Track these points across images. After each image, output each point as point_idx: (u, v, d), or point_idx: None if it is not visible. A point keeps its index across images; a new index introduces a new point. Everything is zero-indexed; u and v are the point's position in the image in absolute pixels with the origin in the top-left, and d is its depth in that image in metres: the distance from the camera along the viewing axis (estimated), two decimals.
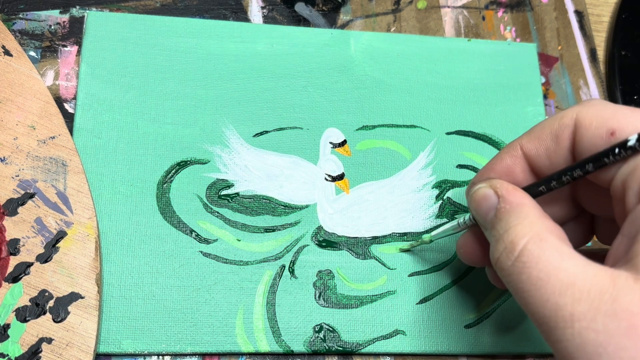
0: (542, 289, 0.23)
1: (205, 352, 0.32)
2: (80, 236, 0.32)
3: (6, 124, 0.33)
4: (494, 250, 0.26)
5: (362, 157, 0.37)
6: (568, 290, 0.22)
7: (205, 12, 0.40)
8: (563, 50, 0.43)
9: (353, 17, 0.41)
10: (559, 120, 0.27)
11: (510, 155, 0.28)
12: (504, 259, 0.25)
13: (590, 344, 0.21)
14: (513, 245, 0.24)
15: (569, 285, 0.22)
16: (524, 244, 0.24)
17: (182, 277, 0.33)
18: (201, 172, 0.35)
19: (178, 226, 0.34)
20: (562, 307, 0.22)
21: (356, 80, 0.39)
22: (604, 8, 0.45)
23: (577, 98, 0.42)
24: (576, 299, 0.22)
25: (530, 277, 0.23)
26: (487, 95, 0.40)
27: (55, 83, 0.36)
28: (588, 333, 0.21)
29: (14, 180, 0.32)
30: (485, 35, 0.42)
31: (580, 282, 0.22)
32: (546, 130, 0.27)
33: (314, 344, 0.33)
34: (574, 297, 0.22)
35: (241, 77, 0.38)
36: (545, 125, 0.27)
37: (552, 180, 0.27)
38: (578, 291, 0.22)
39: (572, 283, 0.22)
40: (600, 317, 0.21)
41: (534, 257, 0.24)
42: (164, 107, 0.36)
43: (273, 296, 0.33)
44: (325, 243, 0.35)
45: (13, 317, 0.30)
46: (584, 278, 0.22)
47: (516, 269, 0.24)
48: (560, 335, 0.22)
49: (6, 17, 0.37)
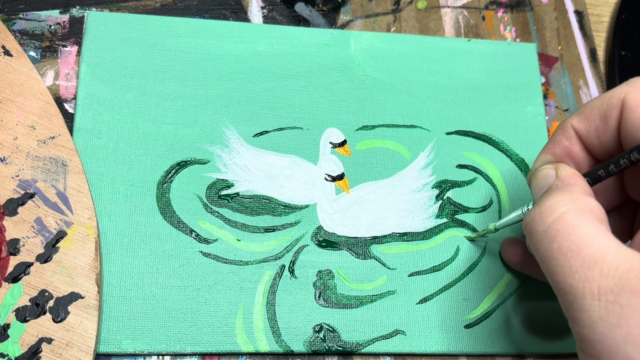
0: (572, 259, 0.23)
1: (205, 352, 0.32)
2: (80, 236, 0.32)
3: (6, 124, 0.33)
4: (529, 214, 0.26)
5: (362, 157, 0.37)
6: (597, 264, 0.23)
7: (205, 12, 0.40)
8: (563, 50, 0.43)
9: (353, 17, 0.41)
10: (608, 100, 0.27)
11: (565, 136, 0.29)
12: (537, 221, 0.25)
13: (614, 315, 0.22)
14: (550, 211, 0.25)
15: (599, 260, 0.23)
16: (562, 212, 0.24)
17: (182, 277, 0.33)
18: (201, 172, 0.35)
19: (178, 226, 0.34)
20: (590, 280, 0.23)
21: (356, 81, 0.39)
22: (604, 8, 0.45)
23: (577, 98, 0.42)
24: (604, 274, 0.22)
25: (561, 247, 0.24)
26: (487, 95, 0.40)
27: (55, 83, 0.36)
28: (613, 306, 0.22)
29: (14, 180, 0.32)
30: (485, 35, 0.42)
31: (609, 259, 0.23)
32: (595, 111, 0.28)
33: (313, 344, 0.33)
34: (602, 272, 0.23)
35: (241, 77, 0.38)
36: (594, 105, 0.28)
37: (610, 165, 0.27)
38: (607, 267, 0.23)
39: (602, 258, 0.23)
40: (625, 293, 0.22)
41: (569, 226, 0.24)
42: (164, 107, 0.36)
43: (273, 296, 0.33)
44: (325, 243, 0.35)
45: (13, 317, 0.30)
46: (614, 256, 0.23)
47: (548, 236, 0.24)
48: (585, 306, 0.23)
49: (6, 17, 0.37)
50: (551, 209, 0.25)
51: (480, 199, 0.38)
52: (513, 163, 0.39)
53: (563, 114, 0.41)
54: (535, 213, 0.25)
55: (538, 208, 0.25)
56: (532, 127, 0.40)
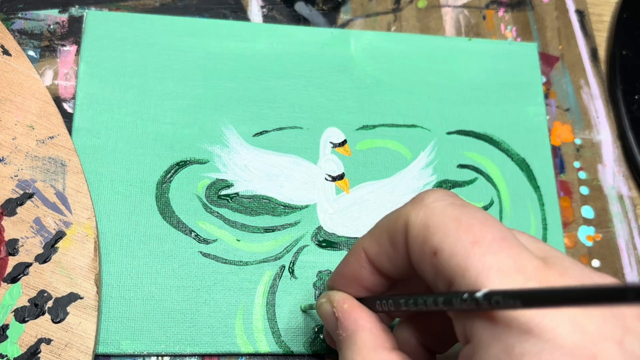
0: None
1: (204, 352, 0.32)
2: (79, 236, 0.31)
3: (5, 124, 0.33)
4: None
5: (362, 156, 0.37)
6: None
7: (205, 11, 0.39)
8: (564, 49, 0.43)
9: (353, 17, 0.41)
10: (394, 222, 0.24)
11: (356, 259, 0.26)
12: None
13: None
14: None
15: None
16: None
17: (182, 277, 0.33)
18: (200, 172, 0.35)
19: (177, 226, 0.34)
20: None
21: (356, 80, 0.39)
22: (605, 7, 0.45)
23: (577, 98, 0.41)
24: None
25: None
26: (487, 94, 0.40)
27: (54, 83, 0.36)
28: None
29: (13, 180, 0.32)
30: (485, 34, 0.42)
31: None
32: (384, 234, 0.25)
33: (314, 344, 0.33)
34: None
35: (241, 77, 0.38)
36: (382, 227, 0.25)
37: (388, 301, 0.25)
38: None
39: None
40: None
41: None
42: (163, 106, 0.36)
43: (273, 297, 0.33)
44: (325, 243, 0.35)
45: (12, 317, 0.30)
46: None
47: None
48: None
49: (5, 17, 0.37)
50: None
51: (481, 199, 0.38)
52: (514, 163, 0.39)
53: (564, 113, 0.41)
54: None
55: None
56: (533, 126, 0.40)
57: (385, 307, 0.25)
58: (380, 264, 0.25)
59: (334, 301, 0.27)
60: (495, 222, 0.22)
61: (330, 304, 0.27)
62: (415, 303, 0.23)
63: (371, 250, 0.25)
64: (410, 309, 0.23)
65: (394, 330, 0.28)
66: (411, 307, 0.23)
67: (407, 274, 0.25)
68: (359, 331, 0.25)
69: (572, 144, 0.40)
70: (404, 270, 0.25)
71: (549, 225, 0.37)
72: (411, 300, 0.23)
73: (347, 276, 0.27)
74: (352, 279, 0.27)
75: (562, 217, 0.38)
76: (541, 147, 0.39)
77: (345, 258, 0.27)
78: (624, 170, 0.40)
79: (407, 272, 0.25)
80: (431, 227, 0.22)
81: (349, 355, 0.25)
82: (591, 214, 0.39)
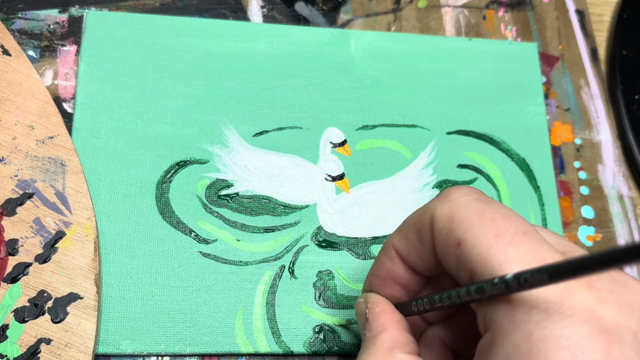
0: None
1: (204, 352, 0.32)
2: (79, 236, 0.31)
3: (5, 124, 0.33)
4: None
5: (362, 156, 0.37)
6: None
7: (205, 11, 0.39)
8: (564, 49, 0.43)
9: (353, 17, 0.41)
10: (421, 217, 0.25)
11: (387, 256, 0.27)
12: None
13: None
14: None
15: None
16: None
17: (182, 277, 0.33)
18: (200, 172, 0.35)
19: (177, 226, 0.34)
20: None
21: (356, 80, 0.39)
22: (605, 7, 0.45)
23: (578, 98, 0.41)
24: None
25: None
26: (487, 94, 0.40)
27: (54, 82, 0.36)
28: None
29: (13, 180, 0.32)
30: (485, 34, 0.42)
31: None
32: (412, 229, 0.26)
33: (313, 344, 0.33)
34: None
35: (241, 77, 0.38)
36: (410, 222, 0.26)
37: (423, 301, 0.25)
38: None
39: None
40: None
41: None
42: (163, 106, 0.36)
43: (273, 297, 0.33)
44: (325, 243, 0.35)
45: (12, 317, 0.30)
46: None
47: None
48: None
49: (5, 17, 0.37)
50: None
51: None
52: (514, 163, 0.39)
53: (564, 113, 0.41)
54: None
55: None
56: (533, 126, 0.40)
57: (420, 306, 0.26)
58: (410, 259, 0.26)
59: (368, 302, 0.28)
60: (518, 217, 0.23)
61: (365, 304, 0.28)
62: (449, 297, 0.24)
63: (400, 246, 0.26)
64: (445, 303, 0.24)
65: (422, 335, 0.28)
66: (445, 302, 0.24)
67: (435, 269, 0.26)
68: (381, 333, 0.26)
69: (572, 144, 0.40)
70: (432, 265, 0.25)
71: (549, 225, 0.37)
72: (445, 295, 0.24)
73: (381, 276, 0.28)
74: (386, 278, 0.27)
75: (562, 217, 0.38)
76: (541, 147, 0.39)
77: (377, 258, 0.28)
78: (624, 170, 0.40)
79: (434, 267, 0.26)
80: (456, 219, 0.23)
81: (365, 355, 0.26)
82: (591, 214, 0.39)
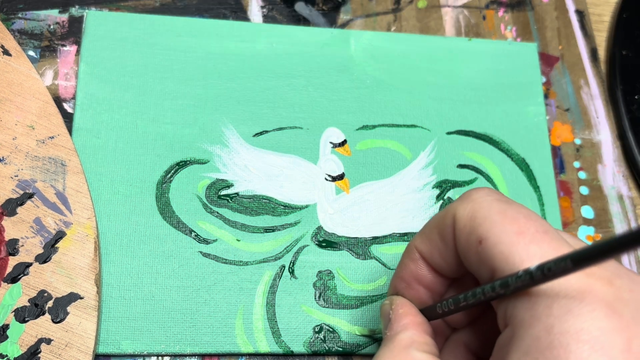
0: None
1: (204, 352, 0.32)
2: (79, 236, 0.31)
3: (5, 124, 0.33)
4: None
5: (362, 156, 0.37)
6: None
7: (205, 11, 0.39)
8: (564, 49, 0.43)
9: (353, 17, 0.41)
10: (443, 218, 0.25)
11: (411, 258, 0.27)
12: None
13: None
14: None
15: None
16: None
17: (182, 277, 0.33)
18: (201, 172, 0.35)
19: (177, 226, 0.34)
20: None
21: (356, 80, 0.39)
22: (605, 7, 0.45)
23: (577, 98, 0.41)
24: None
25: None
26: (487, 94, 0.40)
27: (55, 83, 0.36)
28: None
29: (13, 180, 0.32)
30: (485, 34, 0.42)
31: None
32: (434, 230, 0.26)
33: (313, 344, 0.33)
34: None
35: (241, 77, 0.38)
36: (432, 224, 0.26)
37: (449, 303, 0.26)
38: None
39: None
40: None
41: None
42: (163, 106, 0.36)
43: (273, 296, 0.33)
44: (325, 243, 0.35)
45: (12, 317, 0.30)
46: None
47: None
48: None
49: (5, 17, 0.37)
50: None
51: None
52: (514, 163, 0.39)
53: (564, 113, 0.41)
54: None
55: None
56: (533, 126, 0.40)
57: (445, 308, 0.26)
58: (433, 260, 0.27)
59: (393, 303, 0.28)
60: (538, 217, 0.23)
61: (390, 306, 0.28)
62: (474, 295, 0.24)
63: (423, 247, 0.27)
64: (469, 302, 0.24)
65: (446, 341, 0.29)
66: (470, 300, 0.24)
67: (457, 270, 0.26)
68: (401, 332, 0.26)
69: (572, 144, 0.40)
70: (455, 265, 0.26)
71: None
72: (469, 294, 0.24)
73: (405, 278, 0.28)
74: (410, 280, 0.28)
75: (562, 217, 0.38)
76: (541, 147, 0.39)
77: (401, 261, 0.28)
78: (624, 170, 0.40)
79: (457, 268, 0.26)
80: (478, 218, 0.23)
81: (382, 352, 0.26)
82: (591, 214, 0.39)
